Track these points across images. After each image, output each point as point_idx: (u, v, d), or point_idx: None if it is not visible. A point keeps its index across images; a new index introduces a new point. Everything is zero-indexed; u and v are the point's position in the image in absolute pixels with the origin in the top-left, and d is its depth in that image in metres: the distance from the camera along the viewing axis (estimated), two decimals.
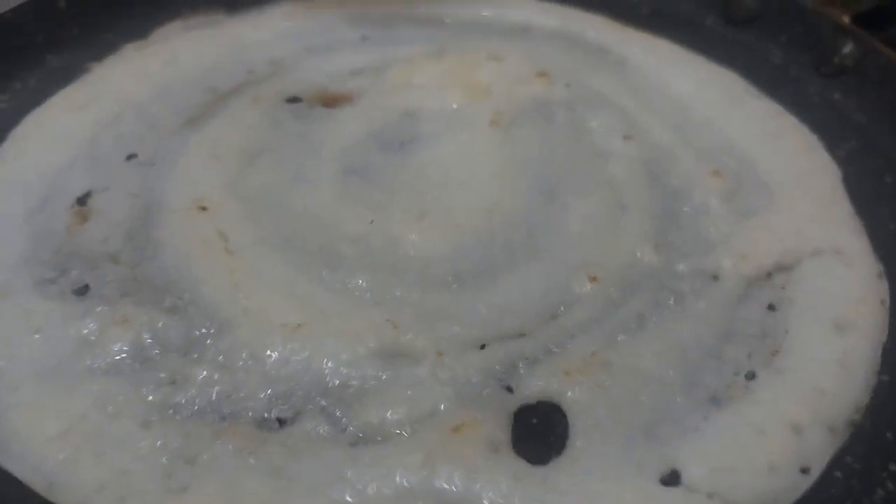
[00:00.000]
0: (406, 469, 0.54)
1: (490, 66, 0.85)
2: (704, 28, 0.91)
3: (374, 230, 0.69)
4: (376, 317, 0.63)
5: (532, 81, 0.84)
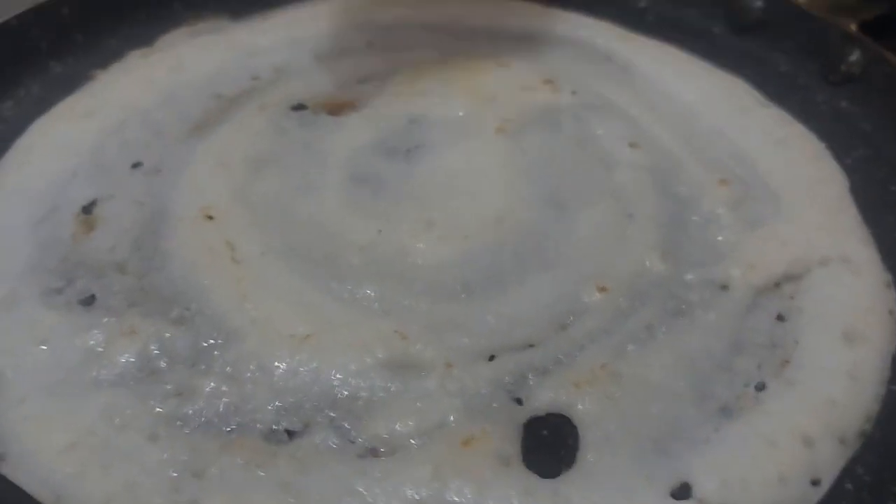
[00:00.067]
0: (416, 482, 0.54)
1: (496, 73, 0.84)
2: (711, 35, 0.91)
3: (382, 239, 0.69)
4: (384, 327, 0.62)
5: (538, 88, 0.83)
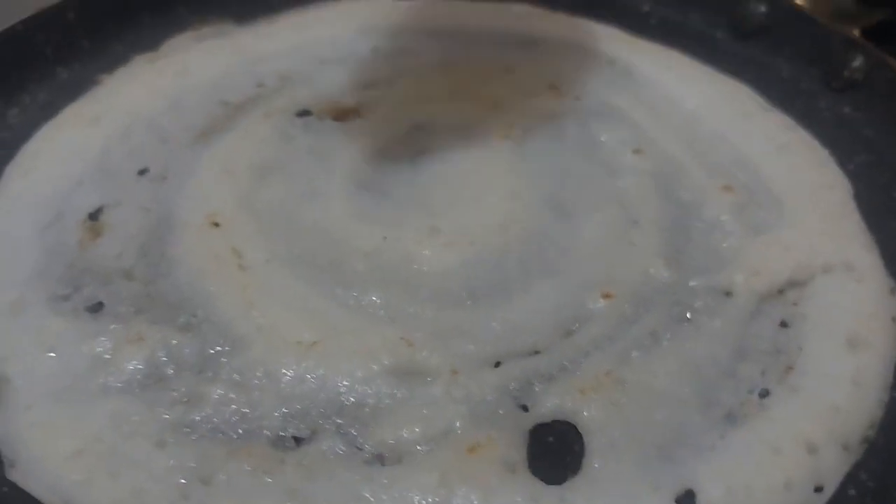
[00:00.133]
0: (422, 489, 0.54)
1: (501, 79, 0.84)
2: (715, 40, 0.91)
3: (387, 246, 0.69)
4: (390, 334, 0.62)
5: (543, 94, 0.83)
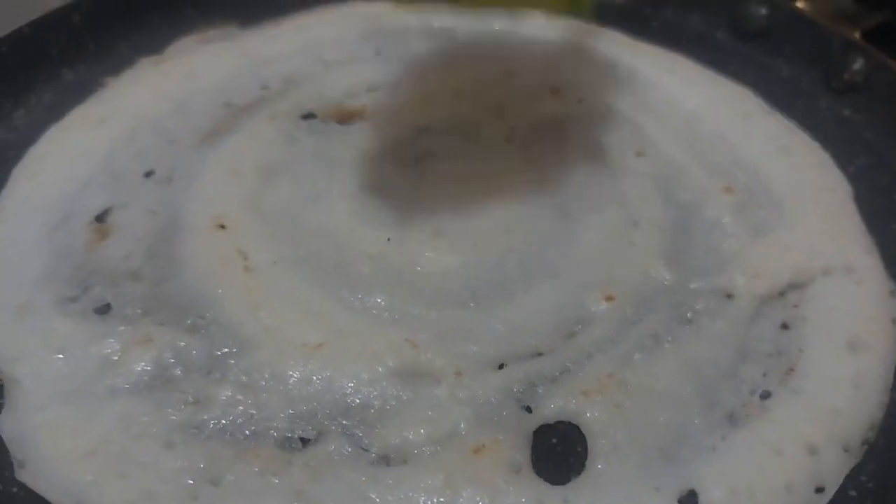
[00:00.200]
0: (428, 491, 0.55)
1: (503, 82, 0.85)
2: (715, 43, 0.91)
3: (391, 248, 0.70)
4: (395, 336, 0.63)
5: (545, 97, 0.84)
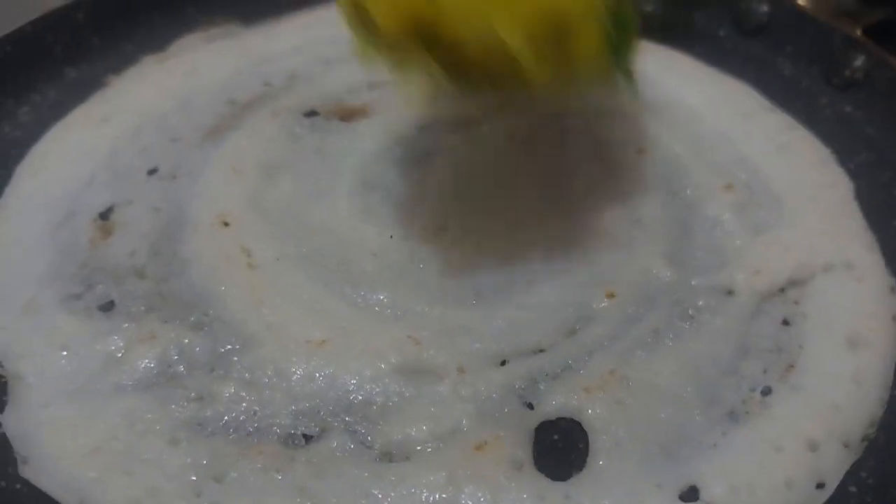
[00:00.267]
0: (430, 487, 0.55)
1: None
2: (717, 40, 0.91)
3: (394, 245, 0.70)
4: (398, 333, 0.63)
5: (546, 95, 0.84)
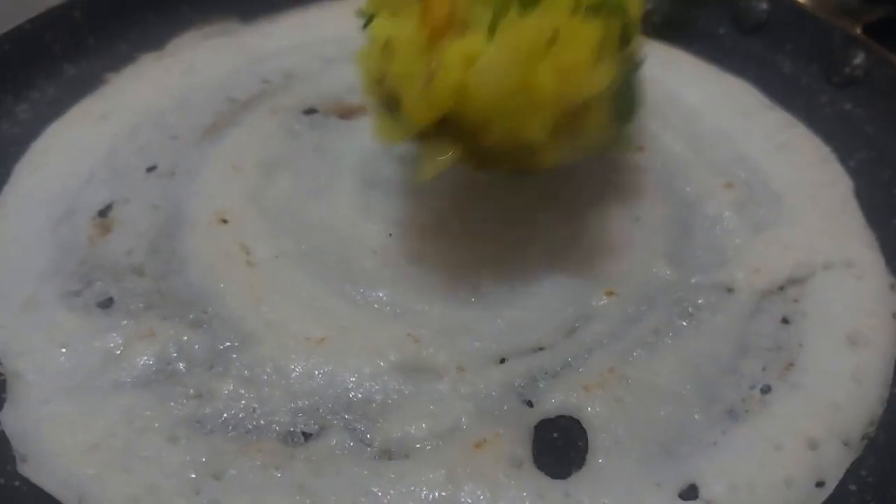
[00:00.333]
0: (430, 485, 0.55)
1: None
2: (717, 37, 0.91)
3: (394, 243, 0.70)
4: (397, 331, 0.63)
5: None
